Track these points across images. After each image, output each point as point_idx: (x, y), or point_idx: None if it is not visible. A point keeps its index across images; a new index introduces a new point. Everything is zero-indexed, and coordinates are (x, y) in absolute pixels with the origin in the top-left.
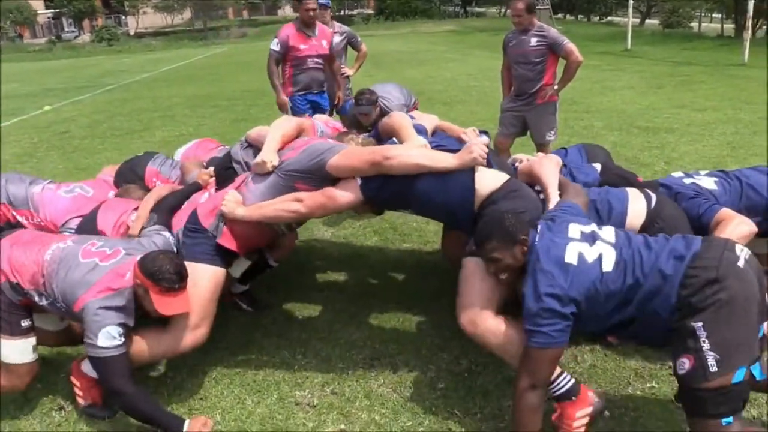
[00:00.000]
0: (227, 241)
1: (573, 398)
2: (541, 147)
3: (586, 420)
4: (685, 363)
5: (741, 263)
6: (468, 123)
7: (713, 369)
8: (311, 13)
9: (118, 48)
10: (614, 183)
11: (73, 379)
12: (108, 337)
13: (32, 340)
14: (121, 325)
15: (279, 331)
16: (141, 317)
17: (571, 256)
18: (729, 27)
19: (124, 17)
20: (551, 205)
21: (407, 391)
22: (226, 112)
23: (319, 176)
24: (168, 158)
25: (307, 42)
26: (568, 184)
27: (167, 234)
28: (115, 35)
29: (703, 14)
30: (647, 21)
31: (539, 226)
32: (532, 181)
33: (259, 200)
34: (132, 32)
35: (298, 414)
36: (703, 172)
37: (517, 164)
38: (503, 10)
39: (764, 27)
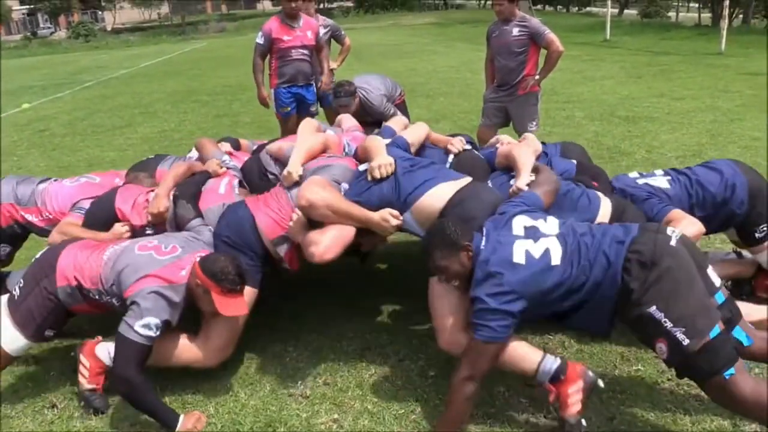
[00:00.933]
0: None
1: (562, 377)
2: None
3: (580, 396)
4: (662, 347)
5: (673, 242)
6: (451, 115)
7: (686, 342)
8: (293, 5)
9: (95, 44)
10: (585, 182)
11: (83, 358)
12: (147, 326)
13: (34, 345)
14: (164, 322)
15: (270, 323)
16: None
17: (518, 256)
18: (706, 16)
19: (100, 12)
20: (520, 183)
21: (399, 379)
22: (208, 107)
23: None
24: (178, 158)
25: (290, 33)
26: (544, 169)
27: (210, 229)
28: (91, 31)
29: (680, 4)
30: (626, 11)
31: (485, 228)
32: (509, 163)
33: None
34: (109, 28)
35: (291, 405)
36: (657, 172)
37: (498, 146)
38: (483, 1)
39: (741, 16)
